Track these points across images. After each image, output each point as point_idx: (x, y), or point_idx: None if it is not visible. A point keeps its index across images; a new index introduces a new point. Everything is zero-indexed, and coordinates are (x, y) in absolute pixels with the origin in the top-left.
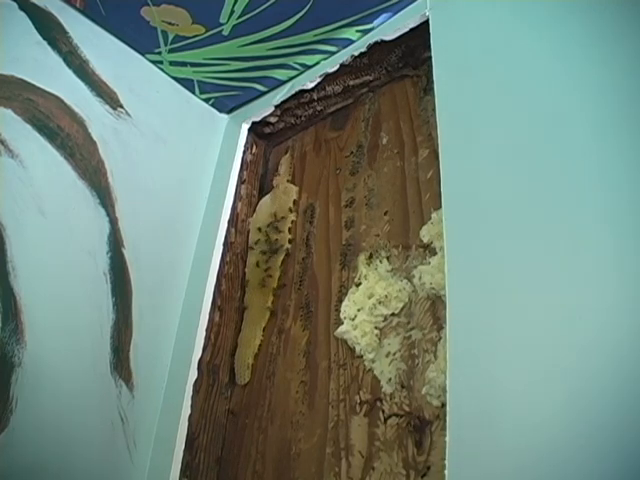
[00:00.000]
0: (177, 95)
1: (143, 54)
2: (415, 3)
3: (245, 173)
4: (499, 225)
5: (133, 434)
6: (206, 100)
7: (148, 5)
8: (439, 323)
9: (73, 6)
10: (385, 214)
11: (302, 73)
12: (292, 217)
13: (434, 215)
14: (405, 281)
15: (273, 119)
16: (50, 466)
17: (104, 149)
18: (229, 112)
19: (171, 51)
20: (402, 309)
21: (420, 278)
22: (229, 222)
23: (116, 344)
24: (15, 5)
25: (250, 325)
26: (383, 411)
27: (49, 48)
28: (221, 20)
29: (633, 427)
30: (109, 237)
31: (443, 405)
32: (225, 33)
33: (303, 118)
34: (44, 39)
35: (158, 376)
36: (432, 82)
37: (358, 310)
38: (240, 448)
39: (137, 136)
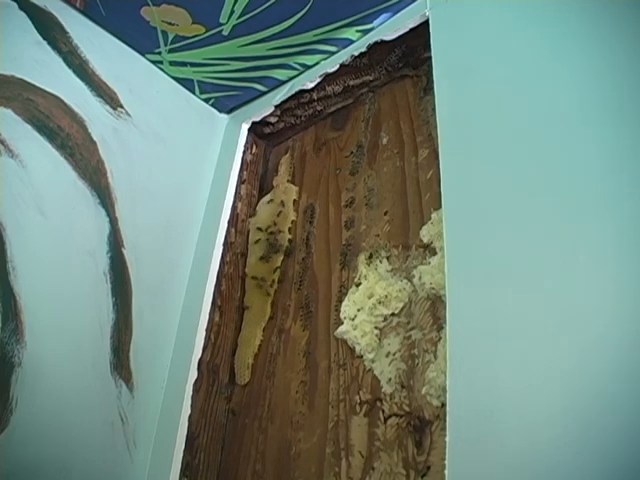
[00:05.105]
0: (177, 95)
1: (143, 54)
2: (415, 3)
3: (245, 173)
4: (499, 225)
5: (133, 434)
6: (206, 100)
7: (148, 5)
8: (439, 323)
9: (73, 6)
10: (385, 214)
11: (302, 73)
12: (292, 217)
13: (434, 215)
14: (405, 281)
15: (273, 119)
16: (50, 466)
17: (104, 149)
18: (229, 112)
19: (171, 51)
20: (402, 309)
21: (420, 278)
22: (229, 222)
23: (116, 344)
24: (15, 5)
25: (250, 325)
26: (383, 411)
27: (49, 48)
28: (221, 20)
29: (633, 427)
30: (109, 237)
31: (443, 405)
32: (225, 33)
33: (303, 118)
34: (44, 39)
35: (158, 376)
36: (432, 82)
37: (358, 310)
38: (240, 448)
39: (137, 136)
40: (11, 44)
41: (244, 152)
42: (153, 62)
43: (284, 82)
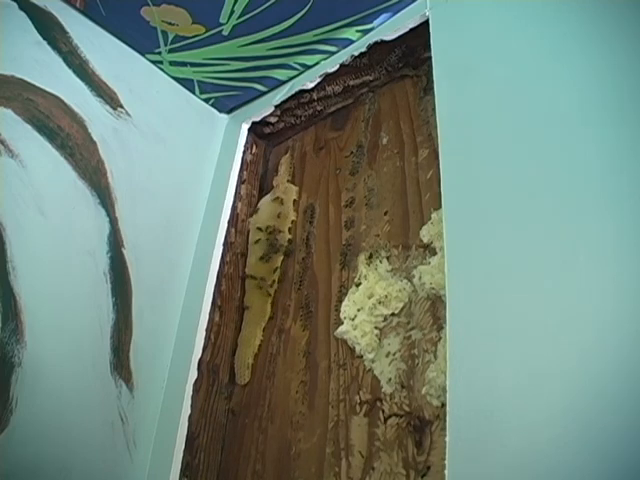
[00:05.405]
0: (177, 95)
1: (143, 54)
2: (415, 3)
3: (245, 173)
4: (499, 225)
5: (133, 434)
6: (206, 100)
7: (148, 5)
8: (439, 323)
9: (73, 6)
10: (385, 214)
11: (302, 73)
12: (292, 217)
13: (434, 215)
14: (405, 281)
15: (273, 119)
16: (50, 466)
17: (104, 149)
18: (229, 112)
19: (171, 51)
20: (402, 309)
21: (420, 278)
22: (229, 222)
23: (116, 344)
24: (15, 5)
25: (250, 325)
26: (383, 411)
27: (49, 48)
28: (221, 20)
29: (633, 427)
30: (109, 237)
31: (443, 405)
32: (225, 33)
33: (303, 118)
34: (44, 39)
35: (158, 376)
36: (432, 82)
37: (358, 310)
38: (240, 448)
39: (137, 136)
40: (11, 44)
41: (244, 152)
42: (153, 62)
43: (284, 82)
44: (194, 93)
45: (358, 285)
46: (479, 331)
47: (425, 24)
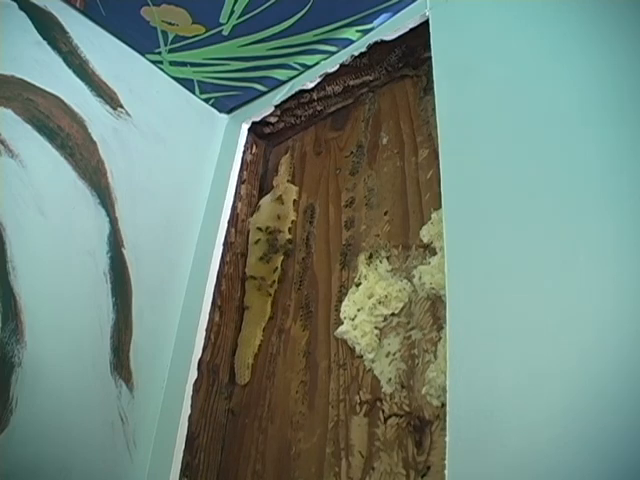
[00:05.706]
0: (177, 95)
1: (143, 54)
2: (415, 3)
3: (245, 173)
4: (499, 225)
5: (133, 434)
6: (206, 100)
7: (148, 5)
8: (439, 323)
9: (73, 6)
10: (385, 214)
11: (302, 73)
12: (292, 217)
13: (434, 215)
14: (405, 281)
15: (273, 119)
16: (50, 466)
17: (104, 149)
18: (229, 112)
19: (171, 51)
20: (402, 309)
21: (420, 278)
22: (229, 222)
23: (116, 344)
24: (15, 5)
25: (250, 325)
26: (383, 411)
27: (49, 48)
28: (221, 20)
29: (633, 427)
30: (109, 237)
31: (443, 405)
32: (225, 33)
33: (303, 118)
34: (44, 39)
35: (158, 376)
36: (432, 82)
37: (358, 310)
38: (240, 448)
39: (137, 136)
40: (11, 44)
41: (244, 152)
42: (153, 62)
43: (284, 82)
44: (194, 93)
45: (358, 285)
46: (479, 331)
47: (425, 24)
